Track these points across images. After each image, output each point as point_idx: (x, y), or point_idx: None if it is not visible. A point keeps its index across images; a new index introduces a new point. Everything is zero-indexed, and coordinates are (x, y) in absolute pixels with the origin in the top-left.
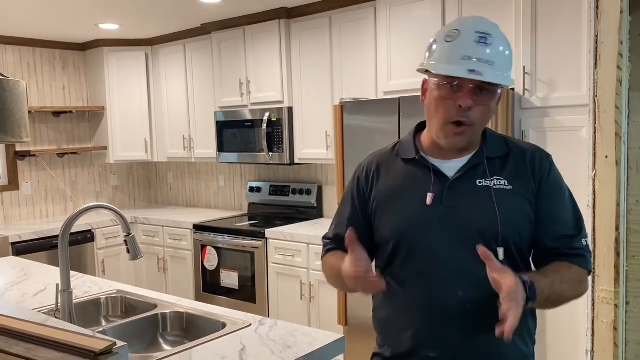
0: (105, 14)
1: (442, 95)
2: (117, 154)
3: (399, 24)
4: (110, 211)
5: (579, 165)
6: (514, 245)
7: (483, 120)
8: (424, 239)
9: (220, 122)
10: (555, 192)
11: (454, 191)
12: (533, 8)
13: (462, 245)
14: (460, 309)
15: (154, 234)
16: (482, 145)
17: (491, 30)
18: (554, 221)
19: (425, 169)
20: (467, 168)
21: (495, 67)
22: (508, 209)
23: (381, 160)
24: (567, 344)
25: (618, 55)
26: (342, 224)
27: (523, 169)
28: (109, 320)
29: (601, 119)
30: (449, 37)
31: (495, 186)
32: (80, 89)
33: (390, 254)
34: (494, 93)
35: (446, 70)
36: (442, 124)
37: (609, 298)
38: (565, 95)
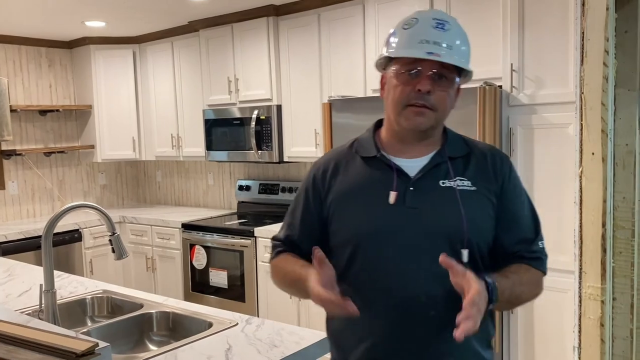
0: (91, 11)
1: (400, 82)
2: (105, 153)
3: (387, 21)
4: (94, 210)
5: (567, 162)
6: (478, 247)
7: (443, 107)
8: (386, 241)
9: (209, 121)
10: (515, 195)
11: (417, 191)
12: (520, 5)
13: (427, 247)
14: (424, 315)
15: (142, 233)
16: (443, 144)
17: (449, 19)
18: (515, 224)
19: (387, 168)
20: (429, 167)
21: (454, 51)
22: (473, 210)
23: (339, 159)
24: (554, 340)
25: (604, 52)
26: (294, 226)
27: (485, 170)
28: (94, 321)
29: (587, 116)
30: (407, 25)
31: (459, 187)
32: (67, 87)
33: (348, 258)
34: (452, 81)
35: (404, 52)
36: (401, 108)
37: (595, 294)
38: (553, 92)
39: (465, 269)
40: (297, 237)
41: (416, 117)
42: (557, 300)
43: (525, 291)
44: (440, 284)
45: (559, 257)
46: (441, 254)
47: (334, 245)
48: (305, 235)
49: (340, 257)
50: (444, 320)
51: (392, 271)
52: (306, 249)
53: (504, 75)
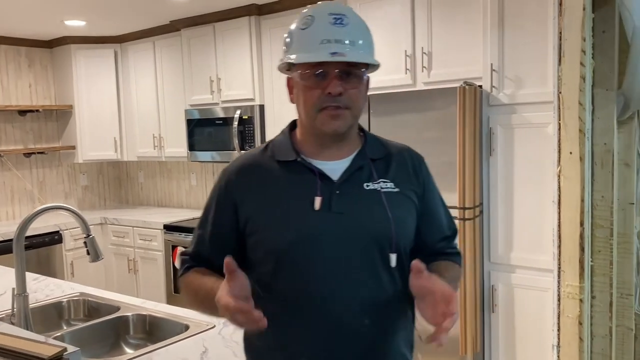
0: (71, 10)
1: (308, 86)
2: (86, 154)
3: (369, 21)
4: (68, 212)
5: (546, 161)
6: (404, 250)
7: (357, 104)
8: (313, 250)
9: (191, 121)
10: (434, 194)
11: (342, 195)
12: (500, 5)
13: (357, 253)
14: (358, 325)
15: (124, 235)
16: (363, 144)
17: (346, 11)
18: (436, 223)
19: (308, 172)
20: (352, 170)
21: (357, 46)
22: (398, 212)
23: (253, 164)
24: (535, 339)
25: (581, 52)
26: (204, 240)
27: (405, 170)
28: (70, 324)
29: (565, 116)
30: (304, 25)
31: (383, 189)
32: (47, 87)
33: (273, 271)
34: (361, 76)
35: (308, 57)
36: (315, 113)
37: (574, 293)
38: (532, 92)
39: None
40: (207, 253)
41: (333, 122)
42: (537, 299)
43: (454, 288)
44: (371, 291)
45: (539, 256)
46: (414, 261)
47: (255, 259)
48: (217, 250)
49: (263, 271)
50: (378, 328)
51: (322, 281)
52: (218, 264)
53: (484, 75)
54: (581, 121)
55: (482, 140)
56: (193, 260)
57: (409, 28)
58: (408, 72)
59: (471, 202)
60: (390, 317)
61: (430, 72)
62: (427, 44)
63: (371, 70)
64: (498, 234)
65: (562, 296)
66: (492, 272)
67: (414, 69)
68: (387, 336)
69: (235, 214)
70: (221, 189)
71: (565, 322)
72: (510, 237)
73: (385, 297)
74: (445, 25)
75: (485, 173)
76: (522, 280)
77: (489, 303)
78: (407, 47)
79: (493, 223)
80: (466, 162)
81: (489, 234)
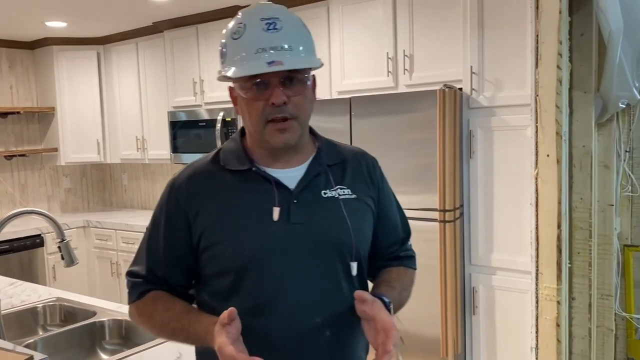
0: (51, 11)
1: (251, 97)
2: (68, 156)
3: (352, 23)
4: (41, 217)
5: (525, 163)
6: (364, 257)
7: (304, 111)
8: (274, 262)
9: (174, 122)
10: (388, 196)
11: (300, 205)
12: (480, 9)
13: (319, 264)
14: (318, 338)
15: (106, 238)
16: (318, 150)
17: (278, 13)
18: (391, 226)
19: (264, 181)
20: (309, 178)
21: (296, 51)
22: (357, 219)
23: (203, 174)
24: (515, 340)
25: (557, 55)
26: (157, 258)
27: (361, 175)
28: (46, 330)
29: (542, 118)
30: (236, 34)
31: (341, 196)
32: (29, 89)
33: (231, 287)
34: (304, 80)
35: (244, 70)
36: (262, 126)
37: (551, 295)
38: (511, 94)
39: (374, 298)
40: (163, 272)
41: (281, 135)
42: (518, 301)
43: (406, 296)
44: (333, 302)
45: (518, 258)
46: (356, 292)
47: (209, 274)
48: (172, 268)
49: (219, 287)
50: (338, 338)
51: (282, 295)
52: (174, 283)
53: (464, 78)
54: (558, 124)
55: (462, 142)
56: (147, 282)
57: (390, 31)
58: (390, 74)
59: (452, 204)
60: (351, 326)
61: (412, 75)
62: (409, 46)
63: (315, 69)
64: (478, 236)
65: (540, 298)
66: (473, 274)
67: (396, 72)
68: (347, 346)
69: (189, 229)
70: (170, 202)
71: (544, 324)
72: (491, 239)
73: (346, 307)
74: (427, 28)
75: (466, 175)
76: (502, 282)
77: (470, 305)
78: (389, 49)
79: (474, 225)
80: (446, 164)
81: (470, 236)
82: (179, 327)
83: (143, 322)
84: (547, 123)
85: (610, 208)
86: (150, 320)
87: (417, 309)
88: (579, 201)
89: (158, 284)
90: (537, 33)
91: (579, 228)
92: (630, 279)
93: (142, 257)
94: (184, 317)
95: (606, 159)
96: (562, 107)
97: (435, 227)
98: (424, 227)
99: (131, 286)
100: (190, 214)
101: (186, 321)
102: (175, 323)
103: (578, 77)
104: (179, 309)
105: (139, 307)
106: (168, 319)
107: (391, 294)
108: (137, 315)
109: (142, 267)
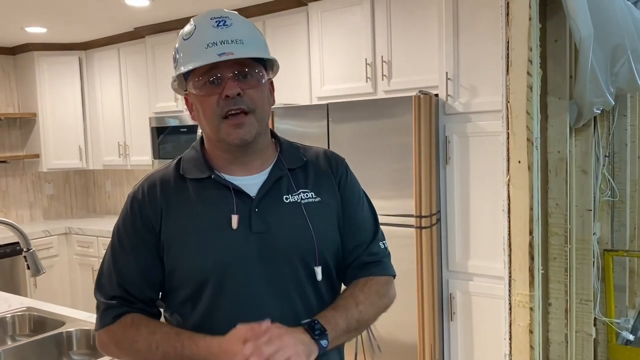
0: (30, 17)
1: (204, 94)
2: (50, 162)
3: (331, 29)
4: (6, 226)
5: (500, 169)
6: (330, 261)
7: (261, 104)
8: (236, 275)
9: (155, 129)
10: (354, 197)
11: (261, 213)
12: (455, 15)
13: (282, 273)
14: None
15: (88, 245)
16: (279, 154)
17: (228, 14)
18: (355, 227)
19: (224, 189)
20: (270, 183)
21: (246, 44)
22: (321, 223)
23: (165, 184)
24: (493, 346)
25: (528, 62)
26: (127, 273)
27: (324, 176)
28: (15, 340)
29: (513, 125)
30: (187, 35)
31: (303, 200)
32: (11, 95)
33: (192, 299)
34: (259, 75)
35: (194, 62)
36: (217, 123)
37: (524, 302)
38: (486, 100)
39: (268, 326)
40: (134, 288)
41: (237, 130)
42: (495, 306)
43: (366, 310)
44: (298, 310)
45: (494, 264)
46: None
47: (169, 288)
48: (143, 282)
49: (180, 300)
50: None
51: (245, 306)
52: (147, 298)
53: (439, 84)
54: (529, 130)
55: (438, 148)
56: (122, 304)
57: (369, 37)
58: (369, 80)
59: (428, 210)
60: None
61: (390, 81)
62: (387, 52)
63: (273, 73)
64: (455, 242)
65: (512, 305)
66: (450, 280)
67: (375, 78)
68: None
69: (155, 237)
70: (134, 213)
71: (517, 331)
72: (467, 245)
73: (313, 314)
74: (405, 35)
75: (443, 181)
76: (479, 288)
77: (448, 311)
78: (367, 55)
79: (450, 231)
80: (422, 170)
81: (447, 242)
82: (171, 351)
83: (119, 349)
84: (518, 129)
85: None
86: (131, 346)
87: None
88: (555, 207)
89: (132, 303)
90: (507, 40)
91: (555, 234)
92: (611, 284)
93: (110, 277)
94: (174, 339)
95: (584, 164)
96: (533, 113)
97: (412, 232)
98: (400, 232)
99: (104, 309)
100: (154, 223)
101: (178, 343)
102: (165, 346)
103: (552, 83)
104: (165, 332)
105: (115, 332)
106: (156, 343)
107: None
108: (111, 341)
109: (111, 287)
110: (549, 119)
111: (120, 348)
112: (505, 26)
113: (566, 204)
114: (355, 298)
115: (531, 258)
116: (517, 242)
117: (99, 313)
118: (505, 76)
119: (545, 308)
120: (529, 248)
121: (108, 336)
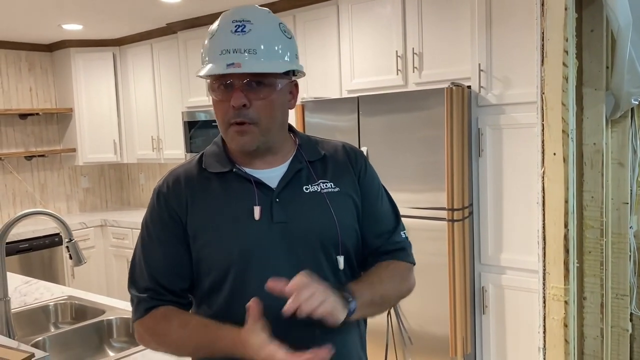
0: (66, 15)
1: (217, 99)
2: (86, 156)
3: (361, 22)
4: (49, 217)
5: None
6: (352, 250)
7: (267, 116)
8: (258, 265)
9: (188, 122)
10: (373, 188)
11: (282, 204)
12: (488, 6)
13: (304, 262)
14: (308, 338)
15: (123, 236)
16: (298, 148)
17: (251, 16)
18: (375, 218)
19: (245, 182)
20: (290, 175)
21: (260, 54)
22: (342, 212)
23: (189, 178)
24: (526, 340)
25: (564, 52)
26: (157, 265)
27: (343, 167)
28: (57, 327)
29: (548, 116)
30: (210, 34)
31: (324, 190)
32: (48, 91)
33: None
34: (272, 85)
35: (207, 70)
36: (224, 128)
37: (559, 295)
38: (520, 92)
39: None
40: (165, 279)
41: (239, 138)
42: (527, 300)
43: (390, 288)
44: None
45: (528, 257)
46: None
47: (197, 278)
48: (174, 273)
49: (206, 288)
50: (330, 336)
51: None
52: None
53: (472, 76)
54: (564, 122)
55: (471, 140)
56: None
57: (400, 29)
58: (400, 72)
59: (460, 202)
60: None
61: (421, 73)
62: (418, 44)
63: (299, 76)
64: (488, 235)
65: (547, 298)
66: (483, 273)
67: (405, 70)
68: (340, 342)
69: (183, 229)
70: (161, 207)
71: (551, 324)
72: (500, 238)
73: None
74: (436, 26)
75: (475, 174)
76: (512, 282)
77: (480, 304)
78: (398, 47)
79: (483, 224)
80: (454, 163)
81: (479, 235)
82: (202, 343)
83: (154, 341)
84: (553, 121)
85: (624, 206)
86: (164, 339)
87: (426, 308)
88: (590, 199)
89: (163, 295)
90: (542, 30)
91: (590, 227)
92: None
93: (141, 270)
94: (204, 331)
95: (620, 156)
96: (569, 104)
97: (444, 226)
98: (432, 226)
99: (137, 302)
100: (181, 215)
101: (208, 335)
102: (197, 339)
103: (588, 74)
104: (195, 324)
105: (148, 325)
106: (188, 335)
107: (356, 286)
108: (146, 333)
109: (143, 280)
110: (585, 111)
111: (155, 340)
112: (541, 16)
113: (602, 197)
114: (379, 275)
115: (566, 251)
116: (552, 234)
117: (133, 306)
118: (540, 67)
119: (580, 302)
120: (564, 241)
121: (143, 328)
